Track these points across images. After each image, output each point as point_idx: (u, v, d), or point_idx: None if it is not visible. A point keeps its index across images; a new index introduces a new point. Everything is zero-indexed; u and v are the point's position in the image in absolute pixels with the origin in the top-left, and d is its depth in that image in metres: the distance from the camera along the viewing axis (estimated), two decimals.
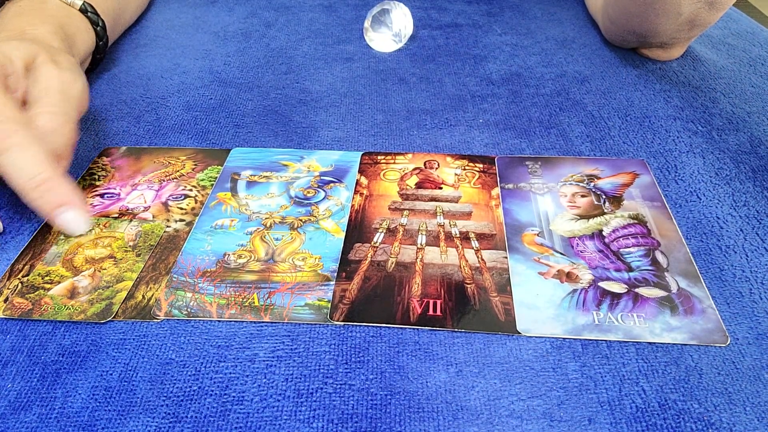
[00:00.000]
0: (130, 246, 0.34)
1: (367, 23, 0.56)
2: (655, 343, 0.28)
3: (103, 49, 0.50)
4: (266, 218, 0.36)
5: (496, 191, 0.38)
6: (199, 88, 0.50)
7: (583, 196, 0.37)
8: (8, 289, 0.31)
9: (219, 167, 0.40)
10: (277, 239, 0.34)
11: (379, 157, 0.41)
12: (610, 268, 0.32)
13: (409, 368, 0.27)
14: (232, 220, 0.36)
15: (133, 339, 0.29)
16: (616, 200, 0.36)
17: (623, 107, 0.46)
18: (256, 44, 0.57)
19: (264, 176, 0.39)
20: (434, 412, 0.25)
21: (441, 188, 0.38)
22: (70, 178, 0.31)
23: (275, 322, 0.29)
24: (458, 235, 0.34)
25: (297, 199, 0.37)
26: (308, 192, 0.38)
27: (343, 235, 0.34)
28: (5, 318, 0.30)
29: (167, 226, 0.35)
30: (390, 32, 0.55)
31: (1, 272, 0.32)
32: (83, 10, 0.46)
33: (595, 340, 0.28)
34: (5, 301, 0.31)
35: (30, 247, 0.34)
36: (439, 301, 0.30)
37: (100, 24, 0.48)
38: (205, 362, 0.28)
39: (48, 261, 0.33)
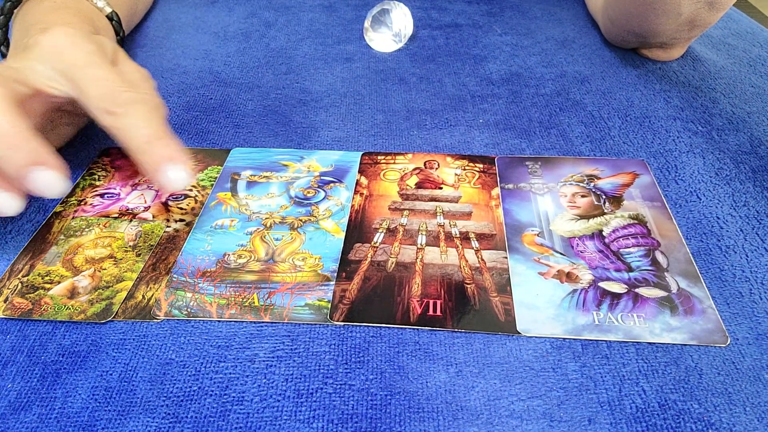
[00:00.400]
0: (130, 246, 0.34)
1: (367, 23, 0.56)
2: (655, 343, 0.28)
3: None
4: (266, 218, 0.36)
5: (496, 191, 0.38)
6: (199, 88, 0.50)
7: (583, 196, 0.37)
8: (8, 289, 0.31)
9: (219, 167, 0.40)
10: (277, 239, 0.34)
11: (379, 157, 0.41)
12: (610, 269, 0.32)
13: (409, 368, 0.27)
14: (232, 220, 0.36)
15: (133, 339, 0.29)
16: (616, 200, 0.36)
17: (623, 107, 0.46)
18: (256, 44, 0.57)
19: (264, 176, 0.39)
20: (434, 412, 0.25)
21: (441, 188, 0.38)
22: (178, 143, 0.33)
23: (275, 323, 0.29)
24: (458, 235, 0.34)
25: (297, 199, 0.37)
26: (308, 192, 0.38)
27: (343, 235, 0.34)
28: (5, 318, 0.30)
29: (167, 226, 0.35)
30: (390, 32, 0.55)
31: (1, 272, 0.32)
32: (110, 18, 0.47)
33: (595, 340, 0.28)
34: (5, 301, 0.31)
35: (30, 247, 0.34)
36: (439, 302, 0.30)
37: (121, 35, 0.48)
38: (205, 362, 0.28)
39: (48, 261, 0.33)
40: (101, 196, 0.38)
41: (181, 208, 0.37)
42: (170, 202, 0.37)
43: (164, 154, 0.33)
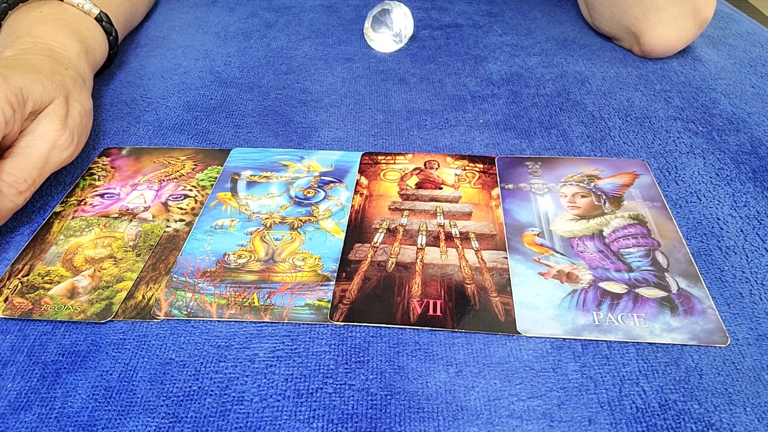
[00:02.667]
0: (130, 246, 0.34)
1: (367, 23, 0.56)
2: (655, 343, 0.28)
3: (112, 58, 0.50)
4: (266, 218, 0.36)
5: (496, 191, 0.38)
6: (200, 89, 0.50)
7: (583, 196, 0.37)
8: (8, 288, 0.31)
9: (219, 167, 0.40)
10: (277, 239, 0.34)
11: (379, 158, 0.41)
12: (610, 269, 0.32)
13: (409, 368, 0.27)
14: (232, 220, 0.36)
15: (133, 339, 0.29)
16: (616, 201, 0.36)
17: (623, 108, 0.46)
18: (256, 44, 0.57)
19: (264, 176, 0.39)
20: (434, 412, 0.25)
21: (441, 188, 0.38)
22: None
23: (275, 322, 0.29)
24: (458, 236, 0.34)
25: (297, 199, 0.37)
26: (308, 192, 0.38)
27: (343, 236, 0.34)
28: (5, 318, 0.30)
29: (167, 226, 0.35)
30: (390, 32, 0.55)
31: (1, 272, 0.32)
32: (99, 20, 0.47)
33: (595, 340, 0.28)
34: (5, 300, 0.31)
35: (30, 247, 0.34)
36: (439, 302, 0.30)
37: (113, 34, 0.48)
38: (205, 362, 0.28)
39: (48, 261, 0.33)
40: (101, 196, 0.38)
41: (181, 208, 0.37)
42: (170, 202, 0.37)
43: None
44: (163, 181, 0.39)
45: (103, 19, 0.47)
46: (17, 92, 0.33)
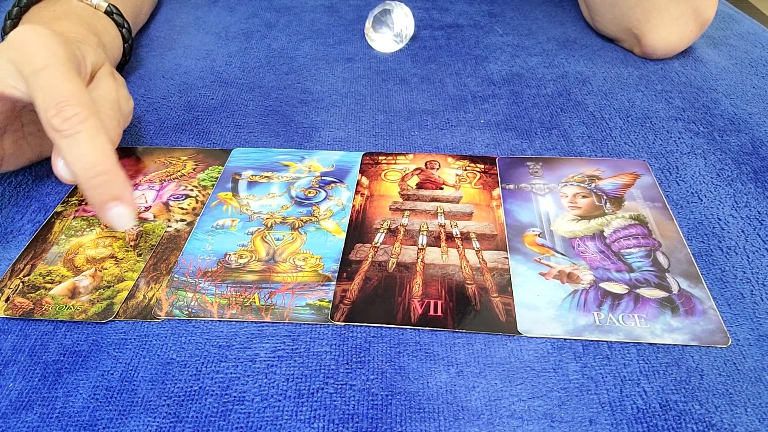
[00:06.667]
0: (131, 246, 0.34)
1: (368, 23, 0.56)
2: (656, 344, 0.28)
3: (129, 52, 0.50)
4: (267, 218, 0.36)
5: (497, 192, 0.38)
6: (201, 89, 0.50)
7: (584, 196, 0.37)
8: (9, 288, 0.31)
9: (220, 167, 0.40)
10: (278, 239, 0.34)
11: (380, 158, 0.41)
12: (611, 269, 0.32)
13: (410, 368, 0.27)
14: (233, 220, 0.36)
15: (134, 339, 0.29)
16: (617, 201, 0.36)
17: (624, 108, 0.46)
18: (257, 45, 0.57)
19: (265, 176, 0.40)
20: (435, 412, 0.25)
21: (442, 189, 0.38)
22: (125, 175, 0.30)
23: (276, 322, 0.29)
24: (459, 236, 0.34)
25: (298, 200, 0.37)
26: (309, 192, 0.38)
27: (343, 236, 0.34)
28: (6, 318, 0.30)
29: (168, 226, 0.35)
30: (391, 32, 0.55)
31: (2, 272, 0.32)
32: (109, 13, 0.46)
33: (596, 340, 0.28)
34: (6, 300, 0.31)
35: (31, 246, 0.34)
36: (439, 302, 0.30)
37: (125, 26, 0.48)
38: (206, 362, 0.28)
39: (49, 261, 0.33)
40: None
41: (182, 208, 0.37)
42: (171, 202, 0.37)
43: (107, 192, 0.30)
44: (165, 181, 0.39)
45: (113, 12, 0.47)
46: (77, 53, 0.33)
